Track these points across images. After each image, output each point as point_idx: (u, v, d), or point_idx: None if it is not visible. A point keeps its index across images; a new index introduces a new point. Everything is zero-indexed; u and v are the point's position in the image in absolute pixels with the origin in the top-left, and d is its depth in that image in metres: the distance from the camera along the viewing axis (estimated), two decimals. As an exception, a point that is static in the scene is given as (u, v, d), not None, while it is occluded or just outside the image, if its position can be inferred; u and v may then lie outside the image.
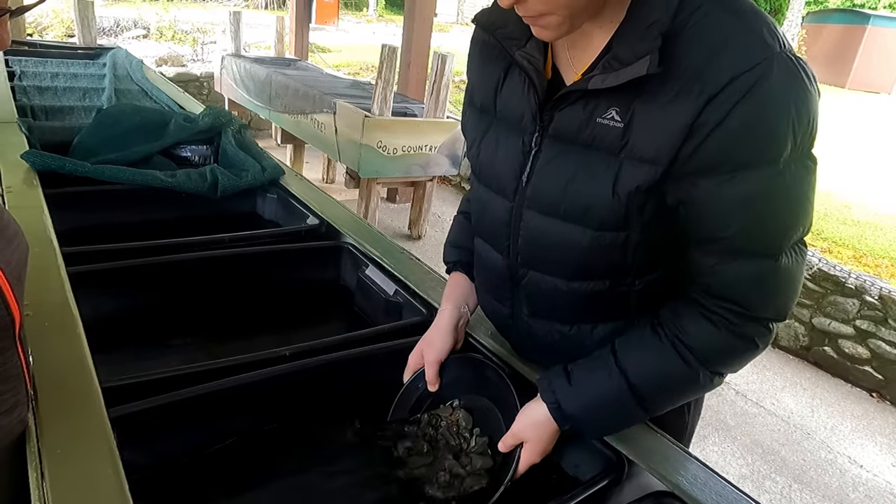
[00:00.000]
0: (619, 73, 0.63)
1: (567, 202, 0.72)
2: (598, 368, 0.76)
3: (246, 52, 5.60)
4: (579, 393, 0.76)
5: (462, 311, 0.94)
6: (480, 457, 0.84)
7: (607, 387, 0.75)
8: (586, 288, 0.77)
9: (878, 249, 4.21)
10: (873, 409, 3.08)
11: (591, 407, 0.76)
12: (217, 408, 0.82)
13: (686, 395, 0.79)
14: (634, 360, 0.75)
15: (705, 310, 0.72)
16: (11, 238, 0.61)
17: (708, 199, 0.65)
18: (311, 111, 3.97)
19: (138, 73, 2.58)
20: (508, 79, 0.77)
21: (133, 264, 1.11)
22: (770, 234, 0.67)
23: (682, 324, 0.73)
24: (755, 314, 0.70)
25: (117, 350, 0.99)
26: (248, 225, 1.54)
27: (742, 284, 0.69)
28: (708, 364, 0.72)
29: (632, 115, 0.65)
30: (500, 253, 0.83)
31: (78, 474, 0.61)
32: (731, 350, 0.73)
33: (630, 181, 0.67)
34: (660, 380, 0.74)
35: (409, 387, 0.92)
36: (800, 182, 0.64)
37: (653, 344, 0.74)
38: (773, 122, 0.60)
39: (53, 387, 0.71)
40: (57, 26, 7.91)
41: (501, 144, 0.78)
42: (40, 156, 1.38)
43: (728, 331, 0.71)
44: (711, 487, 0.75)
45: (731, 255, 0.68)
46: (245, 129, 1.78)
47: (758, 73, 0.59)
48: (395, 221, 4.52)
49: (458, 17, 19.89)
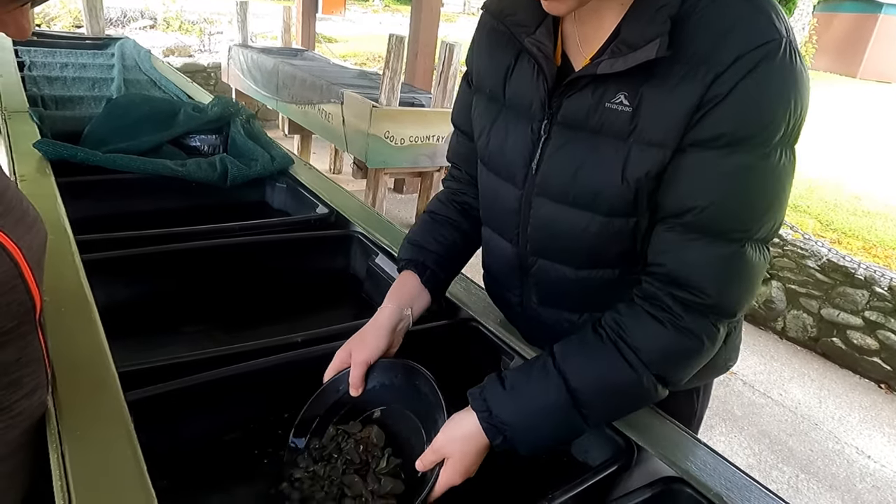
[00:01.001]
0: (627, 58, 0.63)
1: (576, 189, 0.72)
2: (535, 373, 0.71)
3: (253, 42, 5.60)
4: (514, 398, 0.70)
5: (405, 314, 0.85)
6: (391, 479, 0.74)
7: (545, 391, 0.69)
8: (595, 276, 0.77)
9: (889, 240, 4.18)
10: (881, 400, 3.07)
11: (527, 413, 0.69)
12: (231, 392, 0.83)
13: (629, 403, 0.74)
14: (574, 363, 0.70)
15: (651, 307, 0.69)
16: (31, 224, 0.61)
17: (692, 169, 0.65)
18: (318, 101, 3.97)
19: (146, 64, 2.58)
20: (518, 66, 0.77)
21: (145, 252, 1.13)
22: (741, 216, 0.65)
23: (625, 323, 0.70)
24: (706, 302, 0.67)
25: (130, 336, 1.00)
26: (257, 214, 1.55)
27: (700, 267, 0.66)
28: (652, 366, 0.68)
29: (640, 100, 0.65)
30: (508, 241, 0.83)
31: (97, 456, 0.62)
32: (676, 348, 0.69)
33: (639, 166, 0.67)
34: (601, 383, 0.69)
35: (328, 388, 0.82)
36: (782, 170, 0.64)
37: (595, 346, 0.70)
38: (771, 102, 0.61)
39: (71, 371, 0.72)
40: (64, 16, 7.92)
41: (511, 132, 0.78)
42: (52, 145, 1.39)
43: (673, 326, 0.68)
44: (721, 473, 0.76)
45: (696, 232, 0.66)
46: (253, 119, 1.79)
47: (763, 52, 0.59)
48: (402, 212, 4.53)
49: (464, 6, 19.75)
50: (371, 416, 0.82)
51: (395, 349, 0.84)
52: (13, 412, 0.60)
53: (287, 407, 0.90)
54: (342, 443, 0.78)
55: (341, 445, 0.78)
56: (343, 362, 0.82)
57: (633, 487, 0.76)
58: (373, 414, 0.82)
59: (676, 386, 0.72)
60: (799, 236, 3.53)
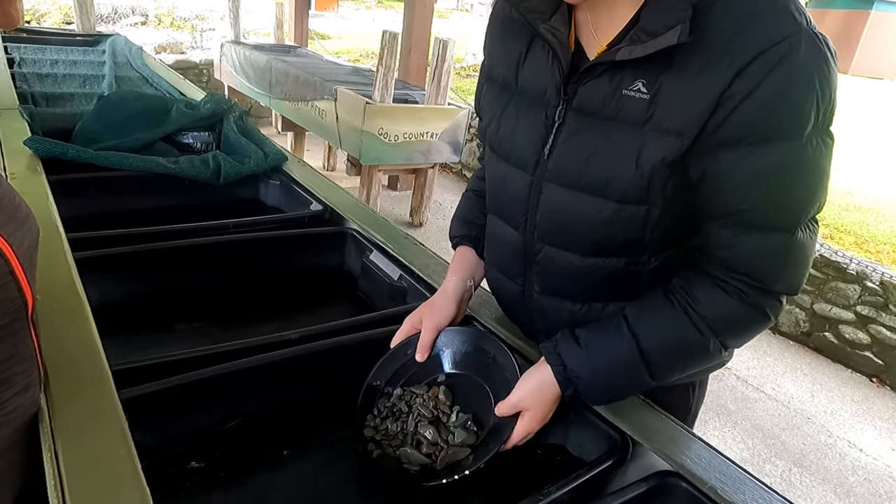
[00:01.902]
0: (647, 45, 0.64)
1: (589, 175, 0.72)
2: (609, 332, 0.76)
3: (245, 39, 5.57)
4: (589, 354, 0.75)
5: (468, 285, 0.93)
6: (463, 430, 0.79)
7: (617, 349, 0.74)
8: (601, 265, 0.78)
9: (880, 235, 4.21)
10: (873, 393, 3.10)
11: (600, 369, 0.75)
12: (226, 390, 0.83)
13: (693, 364, 0.78)
14: (646, 325, 0.74)
15: (719, 280, 0.72)
16: (23, 221, 0.61)
17: (729, 171, 0.66)
18: (311, 98, 3.96)
19: (138, 60, 2.56)
20: (531, 53, 0.78)
21: (137, 250, 1.12)
22: (788, 209, 0.67)
23: (694, 292, 0.73)
24: (768, 287, 0.71)
25: (123, 334, 1.00)
26: (251, 211, 1.55)
27: (758, 258, 0.69)
28: (719, 333, 0.73)
29: (659, 87, 0.66)
30: (515, 228, 0.84)
31: (91, 454, 0.62)
32: (743, 319, 0.73)
33: (655, 153, 0.67)
34: (671, 346, 0.74)
35: (396, 352, 0.87)
36: (819, 157, 0.65)
37: (666, 310, 0.74)
38: (799, 95, 0.61)
39: (65, 369, 0.72)
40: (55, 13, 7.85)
41: (522, 118, 0.78)
42: (43, 142, 1.38)
43: (741, 300, 0.71)
44: (715, 467, 0.76)
45: (749, 228, 0.68)
46: (246, 116, 1.78)
47: (786, 46, 0.60)
48: (396, 209, 4.52)
49: (458, 3, 19.71)
50: (435, 380, 0.87)
51: (460, 318, 0.92)
52: (5, 410, 0.60)
53: (283, 404, 0.90)
54: (410, 401, 0.83)
55: (410, 403, 0.83)
56: (412, 328, 0.88)
57: (629, 482, 0.76)
58: (437, 378, 0.87)
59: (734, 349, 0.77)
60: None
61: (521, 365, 0.82)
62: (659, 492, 0.74)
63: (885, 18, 12.24)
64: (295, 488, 0.81)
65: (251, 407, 0.87)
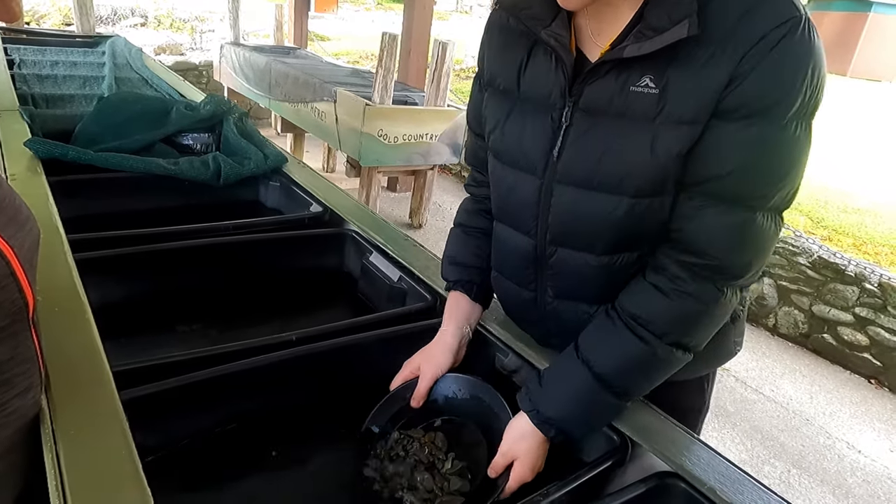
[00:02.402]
0: (654, 40, 0.65)
1: (602, 173, 0.73)
2: (565, 366, 0.79)
3: (245, 40, 5.57)
4: (551, 394, 0.78)
5: (464, 332, 0.94)
6: (458, 478, 0.80)
7: (576, 382, 0.76)
8: (616, 261, 0.78)
9: (878, 237, 4.21)
10: (872, 395, 3.10)
11: (566, 405, 0.77)
12: (226, 390, 0.83)
13: (651, 374, 0.78)
14: (594, 349, 0.77)
15: (656, 277, 0.75)
16: (24, 223, 0.61)
17: (714, 140, 0.68)
18: (311, 100, 3.96)
19: (138, 62, 2.56)
20: (532, 60, 0.79)
21: (138, 251, 1.12)
22: (757, 184, 0.69)
23: (632, 300, 0.76)
24: (711, 263, 0.71)
25: (123, 336, 1.00)
26: (251, 213, 1.55)
27: (712, 231, 0.71)
28: (664, 336, 0.74)
29: (667, 81, 0.67)
30: (525, 234, 0.84)
31: (92, 455, 0.62)
32: (682, 314, 0.74)
33: (671, 144, 0.68)
34: (623, 364, 0.75)
35: (396, 395, 0.89)
36: (798, 141, 0.67)
37: (608, 328, 0.77)
38: (791, 75, 0.64)
39: (66, 370, 0.72)
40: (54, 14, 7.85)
41: (528, 123, 0.79)
42: (43, 143, 1.38)
43: (676, 294, 0.73)
44: (714, 468, 0.76)
45: (715, 198, 0.70)
46: (246, 118, 1.78)
47: (785, 29, 0.62)
48: (395, 210, 4.52)
49: (457, 5, 19.74)
50: (432, 424, 0.88)
51: (457, 363, 0.93)
52: (6, 411, 0.60)
53: (283, 404, 0.90)
54: (408, 445, 0.84)
55: (407, 448, 0.84)
56: (411, 374, 0.90)
57: (628, 482, 0.76)
58: (433, 423, 0.88)
59: (698, 348, 0.77)
60: (790, 233, 3.55)
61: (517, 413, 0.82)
62: (658, 492, 0.74)
63: (883, 21, 12.27)
64: (295, 489, 0.81)
65: (251, 407, 0.87)
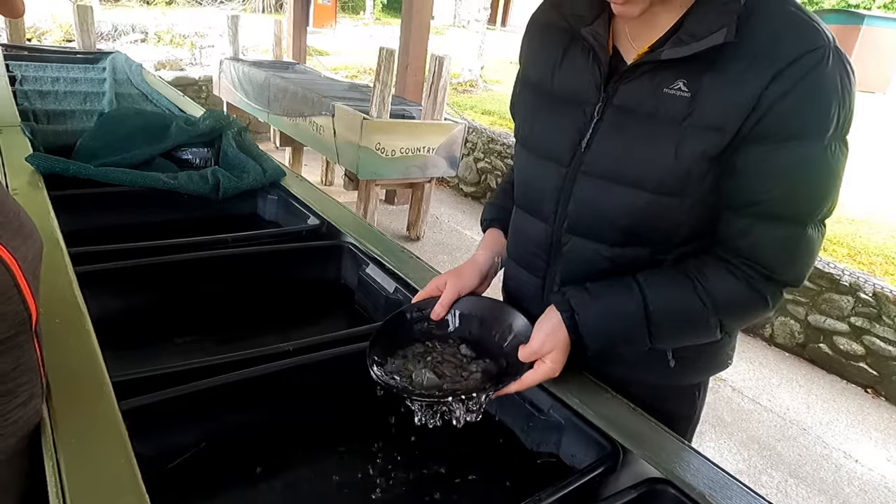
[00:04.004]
0: (691, 45, 0.69)
1: (627, 166, 0.77)
2: (619, 285, 0.81)
3: (244, 55, 5.63)
4: (597, 302, 0.80)
5: (495, 261, 0.97)
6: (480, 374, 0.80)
7: (625, 301, 0.79)
8: (627, 255, 0.82)
9: (873, 247, 4.24)
10: (868, 404, 3.11)
11: (605, 317, 0.79)
12: (224, 401, 0.84)
13: (690, 335, 0.83)
14: (656, 286, 0.79)
15: (730, 265, 0.78)
16: (28, 235, 0.63)
17: (756, 165, 0.71)
18: (309, 114, 4.00)
19: (138, 77, 2.60)
20: (567, 57, 0.83)
21: (138, 264, 1.14)
22: (804, 204, 0.73)
23: (705, 270, 0.79)
24: (776, 276, 0.77)
25: (123, 348, 1.01)
26: (249, 226, 1.57)
27: (771, 247, 0.76)
28: (719, 310, 0.78)
29: (700, 87, 0.71)
30: (543, 220, 0.88)
31: (92, 463, 0.63)
32: (745, 302, 0.79)
33: (695, 147, 0.72)
34: (675, 310, 0.79)
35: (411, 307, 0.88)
36: (836, 161, 0.71)
37: (676, 278, 0.79)
38: (826, 99, 0.68)
39: (66, 380, 0.73)
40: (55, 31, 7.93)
41: (559, 116, 0.83)
42: (44, 159, 1.40)
43: (746, 284, 0.77)
44: (704, 473, 0.77)
45: (766, 219, 0.74)
46: (245, 132, 1.80)
47: (819, 55, 0.66)
48: (393, 223, 4.54)
49: (454, 19, 19.93)
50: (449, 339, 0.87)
51: (482, 291, 0.94)
52: (9, 420, 0.61)
53: (280, 413, 0.91)
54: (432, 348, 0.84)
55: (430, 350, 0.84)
56: (437, 289, 0.90)
57: (620, 488, 0.77)
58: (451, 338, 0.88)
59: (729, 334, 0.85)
60: (785, 244, 3.58)
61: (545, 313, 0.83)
62: (649, 498, 0.75)
63: (875, 34, 12.41)
64: (294, 497, 0.82)
65: (249, 417, 0.88)
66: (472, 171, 5.43)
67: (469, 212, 5.10)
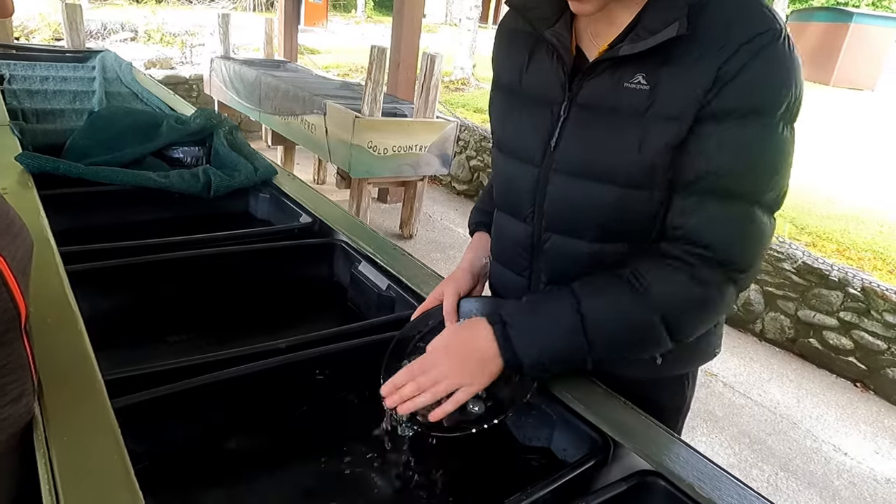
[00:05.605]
0: (647, 40, 0.71)
1: (594, 162, 0.78)
2: (551, 293, 0.82)
3: (235, 54, 5.60)
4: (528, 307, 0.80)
5: (484, 261, 1.00)
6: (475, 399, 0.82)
7: (557, 309, 0.78)
8: (607, 250, 0.83)
9: (861, 243, 4.28)
10: (857, 398, 3.14)
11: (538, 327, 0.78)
12: (217, 398, 0.85)
13: (634, 341, 0.80)
14: (588, 291, 0.78)
15: (668, 258, 0.77)
16: (17, 234, 0.63)
17: (708, 140, 0.72)
18: (301, 112, 3.99)
19: (128, 76, 2.58)
20: (534, 59, 0.85)
21: (129, 263, 1.13)
22: (752, 180, 0.73)
23: (642, 267, 0.78)
24: (718, 256, 0.74)
25: (115, 346, 1.01)
26: (241, 224, 1.57)
27: (716, 225, 0.74)
28: (661, 310, 0.75)
29: (658, 79, 0.72)
30: (522, 221, 0.89)
31: (85, 461, 0.63)
32: (690, 297, 0.76)
33: (657, 139, 0.73)
34: (610, 313, 0.77)
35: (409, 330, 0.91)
36: (785, 141, 0.72)
37: (610, 280, 0.79)
38: (776, 80, 0.70)
39: (58, 378, 0.73)
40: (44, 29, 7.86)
41: (528, 117, 0.85)
42: (34, 158, 1.40)
43: (689, 276, 0.75)
44: (694, 465, 0.78)
45: (712, 194, 0.74)
46: (236, 131, 1.80)
47: (768, 37, 0.68)
48: (386, 221, 4.54)
49: (446, 17, 19.92)
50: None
51: (478, 291, 0.97)
52: None
53: (273, 411, 0.92)
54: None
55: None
56: (436, 299, 0.94)
57: (610, 481, 0.78)
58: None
59: (684, 340, 0.79)
60: (775, 240, 3.61)
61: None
62: (639, 490, 0.76)
63: (864, 31, 12.50)
64: (286, 495, 0.82)
65: (242, 414, 0.88)
66: (464, 168, 5.43)
67: (461, 209, 5.11)
